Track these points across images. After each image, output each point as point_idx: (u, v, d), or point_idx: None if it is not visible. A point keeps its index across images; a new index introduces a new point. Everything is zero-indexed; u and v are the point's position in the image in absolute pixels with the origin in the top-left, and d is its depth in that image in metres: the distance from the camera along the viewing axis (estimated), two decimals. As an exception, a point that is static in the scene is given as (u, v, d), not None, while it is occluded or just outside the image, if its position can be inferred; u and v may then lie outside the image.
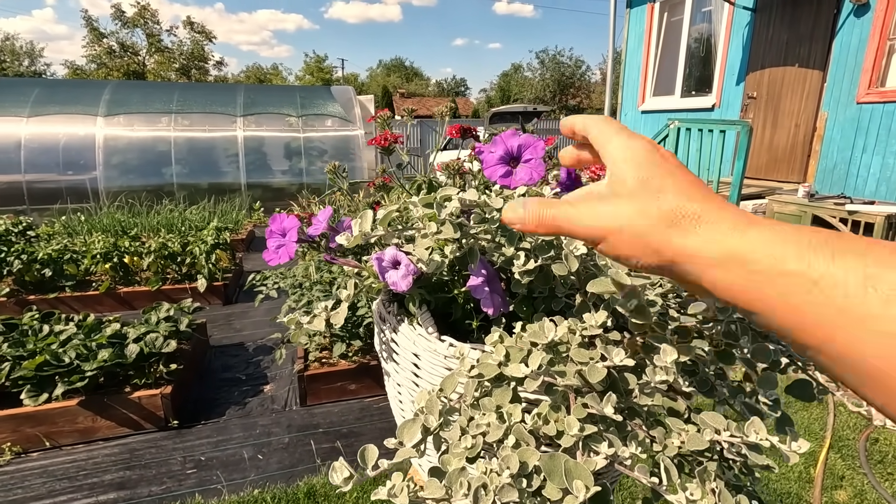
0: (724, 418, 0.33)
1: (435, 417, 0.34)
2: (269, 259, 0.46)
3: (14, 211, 5.62)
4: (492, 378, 0.35)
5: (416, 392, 0.47)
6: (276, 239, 0.46)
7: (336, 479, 0.33)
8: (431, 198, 0.36)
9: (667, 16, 6.73)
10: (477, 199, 0.36)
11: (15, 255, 3.36)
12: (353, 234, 0.37)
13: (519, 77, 44.36)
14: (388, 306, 0.51)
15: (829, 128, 4.80)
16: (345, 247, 0.41)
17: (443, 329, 0.46)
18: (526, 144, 0.40)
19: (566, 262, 0.36)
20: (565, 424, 0.30)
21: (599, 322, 0.36)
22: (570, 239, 0.36)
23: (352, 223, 0.38)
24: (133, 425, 2.16)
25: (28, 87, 6.66)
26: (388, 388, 0.54)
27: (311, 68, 45.34)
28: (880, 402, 0.22)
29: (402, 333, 0.47)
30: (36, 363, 2.07)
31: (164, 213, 5.59)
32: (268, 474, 1.93)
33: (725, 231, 0.26)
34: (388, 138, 0.56)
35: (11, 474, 1.92)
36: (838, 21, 4.65)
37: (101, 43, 30.27)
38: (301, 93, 7.64)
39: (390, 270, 0.42)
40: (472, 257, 0.39)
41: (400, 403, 0.51)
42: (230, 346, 3.01)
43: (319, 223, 0.46)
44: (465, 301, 0.46)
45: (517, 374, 0.32)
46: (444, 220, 0.35)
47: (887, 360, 0.20)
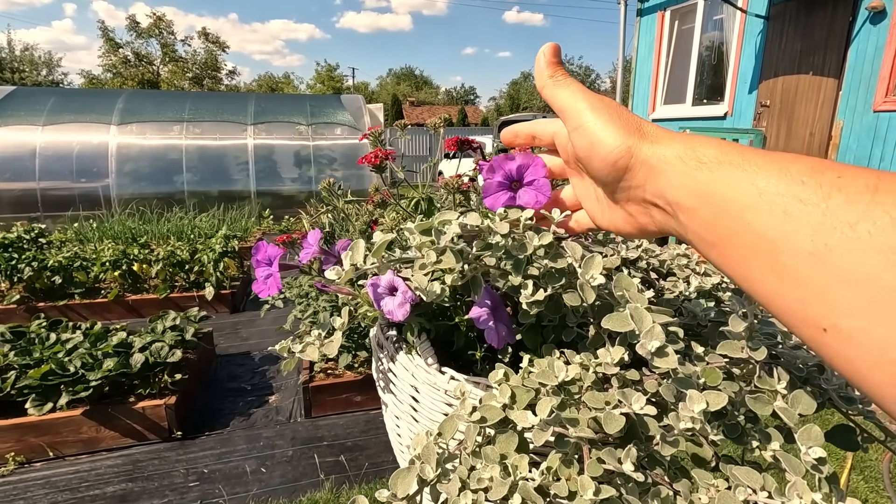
0: (759, 474, 0.29)
1: (432, 467, 0.30)
2: (258, 290, 0.43)
3: (28, 217, 5.69)
4: (495, 423, 0.32)
5: (414, 427, 0.43)
6: (263, 269, 0.43)
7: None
8: (429, 224, 0.33)
9: (677, 24, 6.69)
10: (480, 223, 0.33)
11: (26, 263, 3.39)
12: (345, 269, 0.34)
13: (528, 85, 44.47)
14: (385, 331, 0.47)
15: (845, 137, 4.71)
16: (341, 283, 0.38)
17: (444, 359, 0.43)
18: (525, 165, 0.37)
19: (581, 292, 0.32)
20: (578, 485, 0.26)
21: (616, 359, 0.33)
22: (586, 268, 0.33)
23: (342, 254, 0.34)
24: (137, 436, 2.14)
25: (44, 97, 6.77)
26: (387, 420, 0.50)
27: (322, 77, 45.82)
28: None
29: (401, 363, 0.43)
30: (41, 372, 2.07)
31: (174, 221, 5.63)
32: (270, 488, 1.89)
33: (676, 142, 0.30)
34: (378, 155, 0.53)
35: (14, 484, 1.91)
36: (853, 28, 4.57)
37: (117, 53, 30.86)
38: (311, 101, 7.70)
39: (386, 298, 0.39)
40: (474, 287, 0.35)
41: (398, 437, 0.48)
42: (236, 356, 2.99)
43: (309, 247, 0.43)
44: (468, 329, 0.43)
45: (524, 422, 0.29)
46: (444, 248, 0.32)
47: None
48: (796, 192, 0.23)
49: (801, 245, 0.22)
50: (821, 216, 0.21)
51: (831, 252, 0.21)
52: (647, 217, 0.32)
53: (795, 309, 0.23)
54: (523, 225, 0.34)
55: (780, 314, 0.24)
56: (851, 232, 0.20)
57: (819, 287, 0.21)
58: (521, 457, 0.29)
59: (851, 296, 0.20)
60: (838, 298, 0.21)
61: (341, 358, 2.39)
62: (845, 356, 0.21)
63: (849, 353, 0.21)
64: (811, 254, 0.21)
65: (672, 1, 6.57)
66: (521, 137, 0.41)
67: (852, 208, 0.21)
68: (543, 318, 0.42)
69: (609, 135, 0.31)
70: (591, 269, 0.32)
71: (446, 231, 0.32)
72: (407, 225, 0.35)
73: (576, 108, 0.33)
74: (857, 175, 0.22)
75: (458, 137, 0.60)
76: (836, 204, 0.21)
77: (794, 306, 0.23)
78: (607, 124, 0.31)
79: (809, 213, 0.22)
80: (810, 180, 0.23)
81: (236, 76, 37.78)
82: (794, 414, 0.28)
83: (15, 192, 5.95)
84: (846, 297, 0.20)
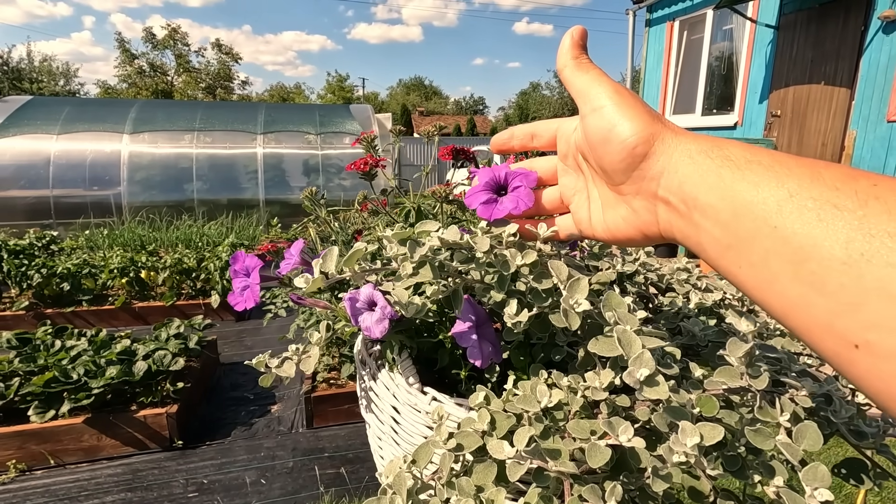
0: (759, 514, 0.26)
1: (403, 499, 0.28)
2: (234, 303, 0.41)
3: (41, 224, 5.76)
4: (473, 450, 0.30)
5: (396, 450, 0.41)
6: (241, 279, 0.41)
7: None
8: (407, 234, 0.31)
9: (686, 34, 6.67)
10: (459, 238, 0.31)
11: (35, 269, 3.42)
12: (314, 276, 0.32)
13: (537, 95, 44.61)
14: (369, 347, 0.45)
15: (859, 147, 4.64)
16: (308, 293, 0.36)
17: (428, 378, 0.41)
18: (516, 173, 0.35)
19: (565, 318, 0.30)
20: (557, 525, 0.24)
21: (605, 384, 0.30)
22: (570, 291, 0.31)
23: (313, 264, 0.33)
24: (137, 444, 2.13)
25: (59, 106, 6.90)
26: (370, 439, 0.48)
27: (332, 87, 46.34)
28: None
29: (382, 382, 0.41)
30: (44, 379, 2.06)
31: (183, 229, 5.67)
32: (270, 500, 1.87)
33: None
34: (368, 162, 0.52)
35: (14, 493, 1.90)
36: (866, 38, 4.52)
37: (133, 63, 31.49)
38: (320, 111, 7.76)
39: (364, 313, 0.37)
40: (455, 301, 0.33)
41: (381, 459, 0.45)
42: (240, 364, 2.98)
43: (291, 257, 0.41)
44: (453, 346, 0.41)
45: (499, 454, 0.26)
46: (422, 260, 0.30)
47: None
48: (830, 198, 0.21)
49: (832, 253, 0.20)
50: (857, 224, 0.20)
51: (868, 262, 0.19)
52: (651, 216, 0.30)
53: (821, 322, 0.21)
54: (506, 241, 0.32)
55: (800, 327, 0.22)
56: (892, 242, 0.19)
57: (852, 299, 0.20)
58: (499, 490, 0.27)
59: (890, 309, 0.19)
60: (874, 312, 0.19)
61: (344, 368, 2.36)
62: (880, 375, 0.19)
63: (884, 371, 0.19)
64: (844, 263, 0.20)
65: (681, 11, 6.55)
66: (518, 139, 0.40)
67: (892, 217, 0.20)
68: (532, 335, 0.39)
69: (631, 118, 0.30)
70: (577, 294, 0.30)
71: (424, 243, 0.30)
72: (385, 233, 0.33)
73: (597, 90, 0.32)
74: (894, 184, 0.21)
75: (453, 146, 0.59)
76: (874, 212, 0.20)
77: (819, 319, 0.21)
78: (630, 108, 0.30)
79: (844, 220, 0.20)
80: (844, 187, 0.21)
81: (248, 86, 38.34)
82: (798, 450, 0.25)
83: (29, 199, 6.04)
84: (884, 311, 0.19)
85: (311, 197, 0.55)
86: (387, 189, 0.55)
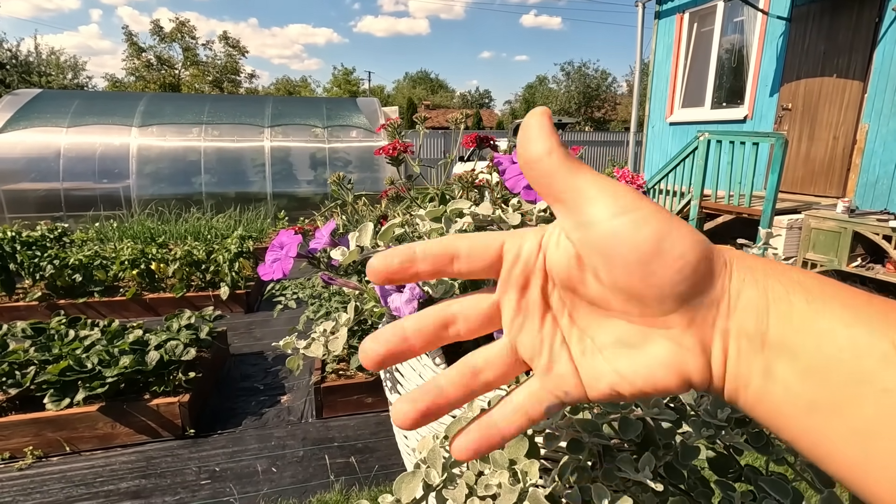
0: (787, 486, 0.27)
1: (438, 472, 0.29)
2: (263, 273, 0.42)
3: (51, 217, 5.83)
4: (505, 425, 0.30)
5: (421, 430, 0.42)
6: (274, 252, 0.43)
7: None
8: (440, 211, 0.31)
9: (696, 26, 6.60)
10: (491, 213, 0.31)
11: (48, 261, 3.46)
12: (350, 249, 0.33)
13: (544, 89, 44.32)
14: (394, 331, 0.46)
15: (871, 140, 4.59)
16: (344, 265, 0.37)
17: (453, 361, 0.42)
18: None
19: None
20: (593, 493, 0.25)
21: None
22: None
23: (350, 237, 0.33)
24: (151, 433, 2.16)
25: (69, 99, 6.95)
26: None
27: (338, 81, 46.29)
28: None
29: (408, 363, 0.42)
30: (59, 368, 2.10)
31: (191, 222, 5.72)
32: (281, 488, 1.89)
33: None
34: (397, 147, 0.52)
35: (32, 478, 1.94)
36: (880, 30, 4.46)
37: (140, 57, 31.59)
38: (327, 104, 7.77)
39: (394, 294, 0.37)
40: (486, 281, 0.34)
41: (405, 439, 0.46)
42: (250, 355, 3.01)
43: (321, 237, 0.42)
44: (478, 328, 0.42)
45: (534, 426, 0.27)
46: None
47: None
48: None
49: None
50: None
51: None
52: (701, 358, 0.22)
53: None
54: (536, 216, 0.32)
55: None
56: None
57: None
58: (532, 462, 0.28)
59: None
60: None
61: (353, 359, 2.38)
62: None
63: None
64: None
65: (691, 3, 6.48)
66: (424, 262, 0.25)
67: None
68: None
69: (680, 226, 0.22)
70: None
71: (458, 221, 0.31)
72: (418, 212, 0.33)
73: (617, 189, 0.22)
74: None
75: (476, 134, 0.59)
76: None
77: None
78: (667, 212, 0.22)
79: None
80: None
81: (255, 79, 38.39)
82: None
83: (40, 192, 6.11)
84: None
85: (339, 181, 0.56)
86: (412, 175, 0.56)
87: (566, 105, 37.16)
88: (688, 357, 0.22)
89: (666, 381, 0.22)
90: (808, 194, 5.25)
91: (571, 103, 37.14)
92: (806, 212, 4.28)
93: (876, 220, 3.79)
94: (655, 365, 0.22)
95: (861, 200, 4.67)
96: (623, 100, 38.91)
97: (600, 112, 38.40)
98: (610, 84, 39.26)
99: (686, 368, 0.22)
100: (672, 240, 0.21)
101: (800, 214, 4.35)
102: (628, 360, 0.23)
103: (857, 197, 4.71)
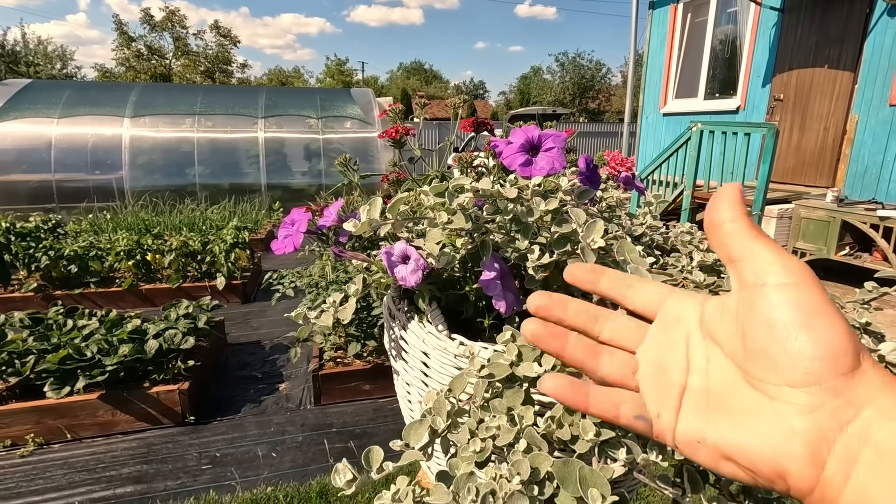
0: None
1: (443, 419, 0.32)
2: (275, 248, 0.45)
3: (44, 209, 5.79)
4: (503, 378, 0.34)
5: (425, 392, 0.45)
6: (286, 229, 0.46)
7: (339, 481, 0.32)
8: (443, 187, 0.34)
9: (690, 17, 6.61)
10: (490, 188, 0.34)
11: (43, 252, 3.46)
12: (361, 221, 0.36)
13: (538, 80, 44.16)
14: (398, 303, 0.49)
15: (860, 131, 4.64)
16: (354, 239, 0.40)
17: (454, 328, 0.45)
18: (547, 134, 0.38)
19: (583, 255, 0.34)
20: (580, 429, 0.28)
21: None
22: (588, 232, 0.34)
23: (360, 212, 0.36)
24: (151, 420, 2.19)
25: (59, 90, 6.87)
26: (398, 387, 0.52)
27: (331, 71, 45.88)
28: None
29: (412, 331, 0.45)
30: (59, 357, 2.12)
31: (186, 213, 5.70)
32: (281, 472, 1.93)
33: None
34: (399, 130, 0.55)
35: (34, 465, 1.96)
36: (870, 21, 4.50)
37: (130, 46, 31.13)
38: (321, 95, 7.73)
39: (399, 265, 0.40)
40: (484, 250, 0.37)
41: (409, 403, 0.50)
42: (247, 345, 3.04)
43: (329, 215, 0.45)
44: (476, 299, 0.45)
45: (529, 373, 0.30)
46: (456, 209, 0.34)
47: None
48: None
49: None
50: None
51: None
52: (808, 450, 0.21)
53: None
54: (532, 190, 0.35)
55: None
56: None
57: None
58: (527, 408, 0.31)
59: None
60: None
61: (350, 347, 2.42)
62: None
63: None
64: None
65: (685, -7, 6.49)
66: (608, 281, 0.30)
67: None
68: (550, 287, 0.43)
69: (843, 319, 0.22)
70: (593, 234, 0.34)
71: (459, 195, 0.34)
72: (423, 188, 0.36)
73: (790, 261, 0.23)
74: None
75: (474, 118, 0.62)
76: None
77: None
78: (832, 302, 0.22)
79: None
80: None
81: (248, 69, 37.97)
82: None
83: (31, 183, 6.06)
84: None
85: (345, 163, 0.59)
86: (413, 157, 0.59)
87: (561, 96, 37.09)
88: (794, 443, 0.21)
89: (759, 460, 0.22)
90: (798, 184, 5.31)
91: (566, 94, 37.07)
92: (796, 201, 4.34)
93: (864, 209, 3.86)
94: (755, 438, 0.22)
95: (850, 190, 4.74)
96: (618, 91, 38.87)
97: (595, 103, 38.38)
98: (605, 75, 39.21)
99: (784, 451, 0.21)
100: (825, 320, 0.21)
101: (790, 204, 4.41)
102: (731, 425, 0.23)
103: (847, 187, 4.77)
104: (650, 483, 0.28)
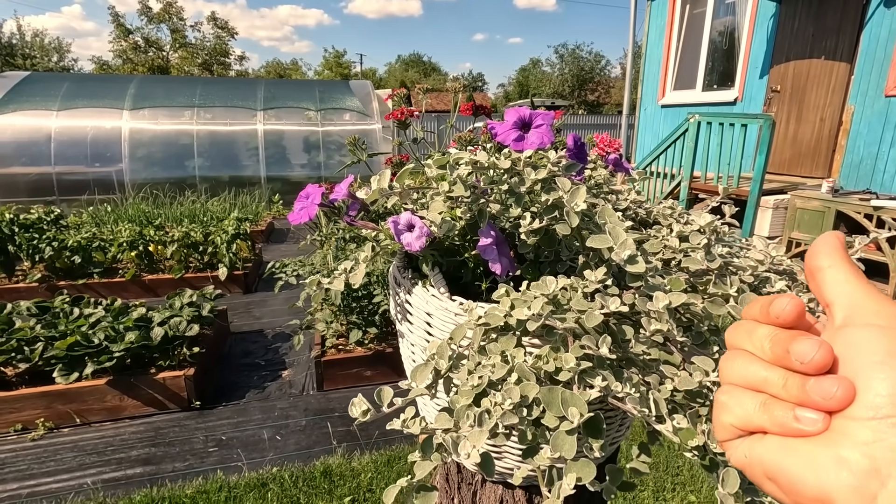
0: (713, 361, 0.35)
1: (445, 361, 0.37)
2: (292, 219, 0.50)
3: (44, 201, 5.82)
4: (498, 327, 0.38)
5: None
6: (301, 202, 0.50)
7: (355, 412, 0.37)
8: (445, 160, 0.39)
9: (689, 8, 6.62)
10: (486, 161, 0.39)
11: (46, 243, 3.50)
12: (372, 190, 0.40)
13: (537, 72, 43.96)
14: (403, 272, 0.54)
15: (856, 122, 4.68)
16: (363, 211, 0.44)
17: (454, 291, 0.49)
18: (537, 113, 0.43)
19: (567, 218, 0.38)
20: (563, 361, 0.33)
21: (599, 277, 0.39)
22: (571, 197, 0.39)
23: (371, 181, 0.41)
24: (157, 405, 2.25)
25: (58, 82, 6.87)
26: (402, 350, 0.57)
27: (329, 63, 45.63)
28: None
29: (416, 294, 0.50)
30: (67, 343, 2.17)
31: (186, 205, 5.73)
32: (286, 454, 1.99)
33: None
34: (404, 112, 0.59)
35: (45, 448, 2.02)
36: (867, 12, 4.52)
37: (127, 39, 30.91)
38: (320, 87, 7.73)
39: (405, 232, 0.45)
40: (481, 217, 0.42)
41: (413, 363, 0.54)
42: (250, 333, 3.09)
43: (340, 190, 0.49)
44: (475, 265, 0.49)
45: (521, 316, 0.35)
46: (455, 179, 0.38)
47: None
48: None
49: None
50: None
51: None
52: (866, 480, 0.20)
53: None
54: (524, 162, 0.40)
55: None
56: None
57: None
58: (518, 350, 0.36)
59: None
60: None
61: (352, 334, 2.47)
62: None
63: None
64: None
65: (683, -16, 6.49)
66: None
67: None
68: (540, 255, 0.48)
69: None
70: (576, 198, 0.38)
71: (459, 167, 0.38)
72: (426, 161, 0.41)
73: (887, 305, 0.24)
74: None
75: (473, 103, 0.66)
76: None
77: None
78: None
79: None
80: None
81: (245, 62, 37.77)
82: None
83: (31, 176, 6.08)
84: None
85: (354, 142, 0.63)
86: (417, 139, 0.63)
87: (560, 88, 36.94)
88: (841, 472, 0.20)
89: (800, 485, 0.21)
90: (794, 175, 5.35)
91: (565, 86, 36.93)
92: (792, 192, 4.39)
93: (858, 199, 3.90)
94: (801, 461, 0.22)
95: (845, 181, 4.78)
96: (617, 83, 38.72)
97: (594, 95, 38.24)
98: (604, 67, 39.02)
99: (830, 479, 0.21)
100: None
101: (786, 195, 4.46)
102: (779, 446, 0.23)
103: (842, 177, 4.82)
104: (622, 406, 0.33)
